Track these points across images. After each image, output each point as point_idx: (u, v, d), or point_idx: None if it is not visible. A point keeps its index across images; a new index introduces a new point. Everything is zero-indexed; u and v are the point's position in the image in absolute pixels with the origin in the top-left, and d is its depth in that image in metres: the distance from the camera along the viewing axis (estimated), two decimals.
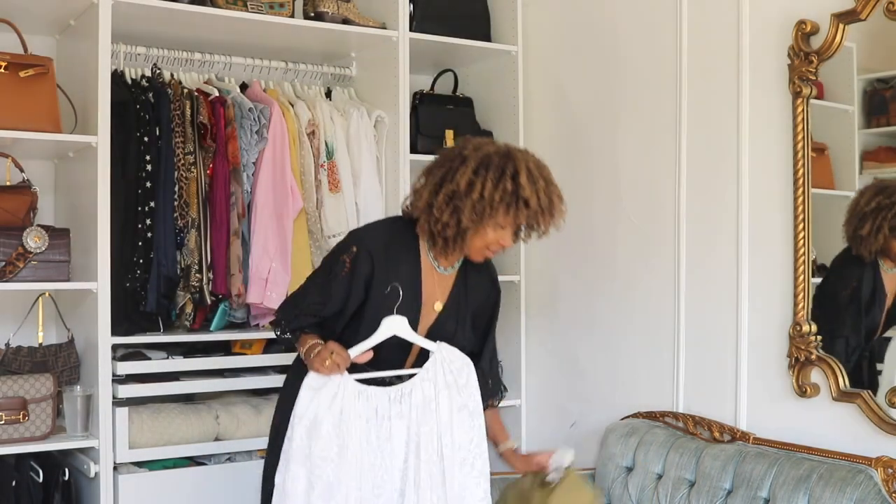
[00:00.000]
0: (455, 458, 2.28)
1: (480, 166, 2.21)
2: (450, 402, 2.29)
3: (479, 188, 2.19)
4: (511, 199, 2.19)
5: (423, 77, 3.69)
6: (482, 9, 3.60)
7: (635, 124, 3.09)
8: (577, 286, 3.30)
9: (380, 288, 2.30)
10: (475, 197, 2.19)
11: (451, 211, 2.22)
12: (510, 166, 2.21)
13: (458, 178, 2.21)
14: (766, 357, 2.66)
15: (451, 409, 2.29)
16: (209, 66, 3.29)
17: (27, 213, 2.88)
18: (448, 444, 2.27)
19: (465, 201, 2.20)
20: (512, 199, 2.19)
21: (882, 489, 2.25)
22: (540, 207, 2.21)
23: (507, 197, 2.19)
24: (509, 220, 2.23)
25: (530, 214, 2.22)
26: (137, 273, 2.92)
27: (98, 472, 2.82)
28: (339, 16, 3.26)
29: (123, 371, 2.93)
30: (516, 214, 2.22)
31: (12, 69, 2.75)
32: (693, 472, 2.65)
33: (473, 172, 2.20)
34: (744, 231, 2.72)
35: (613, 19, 3.17)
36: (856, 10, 2.40)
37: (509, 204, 2.20)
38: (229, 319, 3.16)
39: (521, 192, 2.19)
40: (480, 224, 2.23)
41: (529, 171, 2.22)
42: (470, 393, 2.32)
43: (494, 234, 2.26)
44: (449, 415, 2.28)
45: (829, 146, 2.57)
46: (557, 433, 3.36)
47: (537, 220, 2.25)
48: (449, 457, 2.27)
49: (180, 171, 2.99)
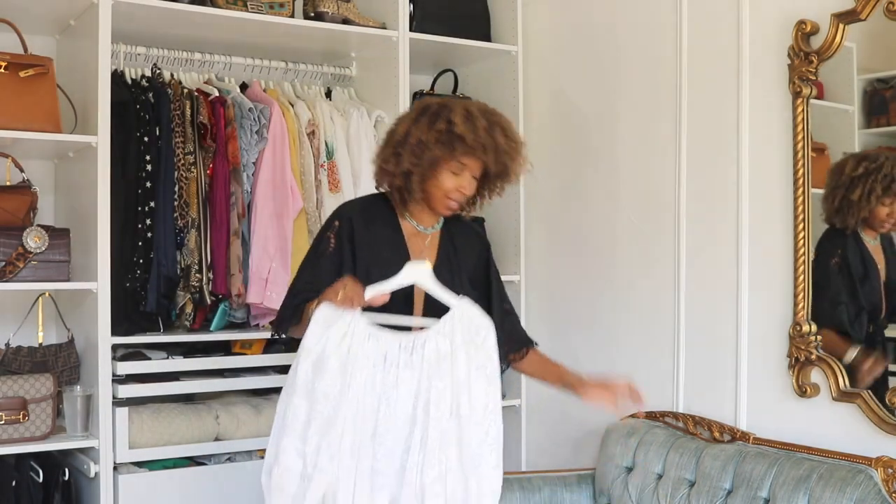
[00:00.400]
0: (472, 419, 2.19)
1: (419, 114, 2.27)
2: (468, 360, 2.19)
3: (416, 132, 2.24)
4: (445, 137, 2.22)
5: (423, 77, 3.69)
6: (482, 9, 3.60)
7: (635, 124, 3.09)
8: (577, 286, 3.30)
9: (364, 247, 2.29)
10: (413, 141, 2.24)
11: (395, 161, 2.27)
12: (445, 110, 2.25)
13: (399, 128, 2.29)
14: (766, 357, 2.66)
15: (469, 368, 2.19)
16: (209, 66, 3.29)
17: (27, 213, 2.88)
18: (465, 403, 2.18)
19: (405, 148, 2.25)
20: (446, 137, 2.21)
21: (882, 489, 2.25)
22: (480, 144, 2.21)
23: (441, 136, 2.22)
24: (453, 162, 2.24)
25: (469, 151, 2.22)
26: (137, 273, 2.92)
27: (98, 472, 2.83)
28: (339, 16, 3.26)
29: (123, 371, 2.93)
30: (453, 152, 2.22)
31: (12, 69, 2.75)
32: (693, 472, 2.65)
33: (412, 120, 2.27)
34: (744, 231, 2.72)
35: (613, 19, 3.17)
36: (856, 10, 2.40)
37: (444, 142, 2.22)
38: (229, 319, 3.16)
39: (455, 129, 2.21)
40: (421, 166, 2.24)
41: (467, 111, 2.24)
42: (488, 355, 2.23)
43: (450, 181, 2.26)
44: (467, 373, 2.19)
45: (829, 146, 2.57)
46: (557, 433, 3.37)
47: (483, 158, 2.24)
48: (466, 416, 2.18)
49: (180, 171, 2.99)
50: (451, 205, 2.30)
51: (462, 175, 2.27)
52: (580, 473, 2.99)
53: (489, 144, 2.22)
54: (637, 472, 2.80)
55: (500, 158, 2.26)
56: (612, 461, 2.88)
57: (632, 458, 2.84)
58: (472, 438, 2.18)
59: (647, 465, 2.77)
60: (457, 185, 2.27)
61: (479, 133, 2.21)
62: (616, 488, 2.84)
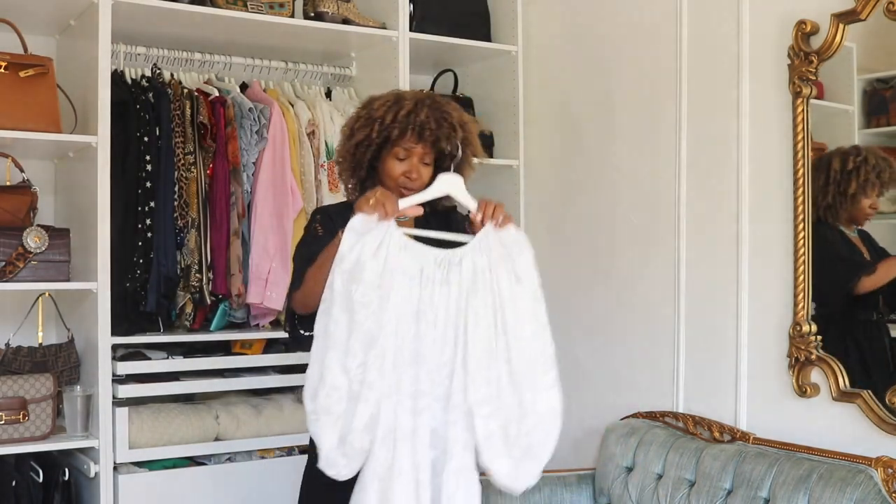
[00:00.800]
0: (521, 336, 2.12)
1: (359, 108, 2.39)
2: (508, 275, 2.14)
3: (349, 122, 2.37)
4: (365, 122, 2.29)
5: (423, 77, 3.69)
6: (482, 9, 3.60)
7: (635, 124, 3.09)
8: (577, 286, 3.30)
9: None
10: (346, 132, 2.36)
11: (338, 156, 2.39)
12: (373, 98, 2.35)
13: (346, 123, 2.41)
14: (766, 357, 2.66)
15: (511, 281, 2.14)
16: (209, 66, 3.29)
17: (27, 213, 2.88)
18: (511, 319, 2.12)
19: (343, 143, 2.36)
20: (366, 122, 2.29)
21: (882, 489, 2.25)
22: (397, 120, 2.25)
23: (360, 120, 2.30)
24: (396, 148, 2.28)
25: (388, 128, 2.25)
26: (137, 273, 2.92)
27: (98, 472, 2.83)
28: (339, 16, 3.26)
29: (123, 371, 2.93)
30: (371, 133, 2.27)
31: (12, 69, 2.75)
32: (693, 472, 2.64)
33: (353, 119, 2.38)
34: (744, 231, 2.72)
35: (613, 19, 3.17)
36: (856, 10, 2.40)
37: (363, 126, 2.29)
38: (229, 319, 3.16)
39: (374, 112, 2.29)
40: (347, 152, 2.32)
41: (397, 97, 2.31)
42: (527, 269, 2.16)
43: (397, 167, 2.30)
44: (509, 286, 2.14)
45: (829, 146, 2.57)
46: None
47: (411, 141, 2.26)
48: (514, 333, 2.12)
49: (180, 171, 3.00)
50: (404, 192, 2.29)
51: (409, 161, 2.30)
52: (580, 473, 2.99)
53: (411, 120, 2.25)
54: (637, 472, 2.80)
55: (433, 139, 2.27)
56: (612, 461, 2.88)
57: (632, 458, 2.83)
58: (521, 355, 2.11)
59: (647, 465, 2.77)
60: (403, 170, 2.30)
61: (400, 113, 2.26)
62: (616, 488, 2.84)
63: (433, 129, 2.27)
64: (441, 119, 2.29)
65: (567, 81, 3.39)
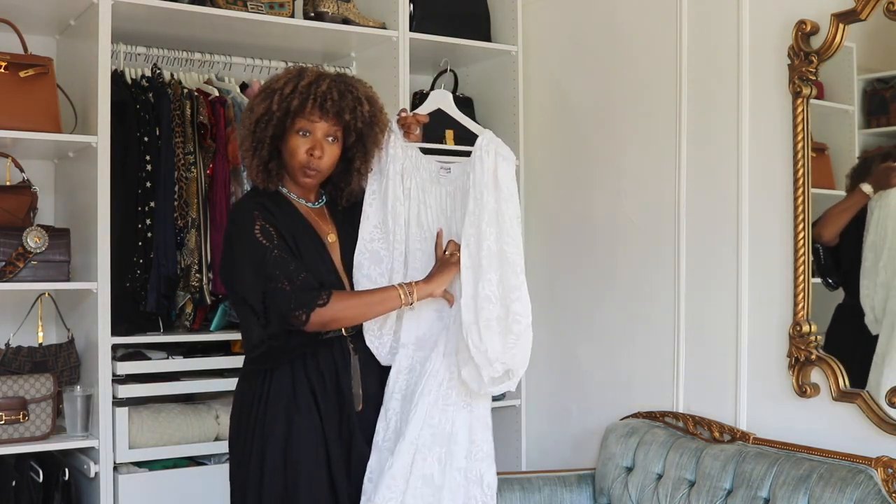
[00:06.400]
0: (510, 244, 2.30)
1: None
2: (496, 190, 2.31)
3: (251, 101, 2.34)
4: (265, 95, 2.26)
5: (423, 77, 3.69)
6: (482, 9, 3.60)
7: (635, 124, 3.09)
8: (577, 286, 3.30)
9: (286, 232, 2.26)
10: (247, 109, 2.34)
11: (240, 137, 2.37)
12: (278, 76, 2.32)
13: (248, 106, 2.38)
14: (766, 357, 2.66)
15: (498, 199, 2.30)
16: (209, 66, 3.29)
17: (27, 213, 2.88)
18: (508, 224, 2.30)
19: (244, 120, 2.33)
20: (267, 95, 2.26)
21: (882, 489, 2.25)
22: (297, 90, 2.22)
23: (261, 94, 2.28)
24: (296, 121, 2.24)
25: (288, 98, 2.22)
26: (137, 273, 2.93)
27: (98, 472, 2.83)
28: (339, 16, 3.26)
29: (123, 371, 2.93)
30: (271, 105, 2.23)
31: (12, 69, 2.76)
32: (693, 472, 2.65)
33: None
34: (744, 231, 2.72)
35: (613, 19, 3.17)
36: (856, 10, 2.40)
37: (263, 98, 2.26)
38: (229, 319, 3.16)
39: (274, 84, 2.26)
40: (247, 129, 2.28)
41: (293, 70, 2.30)
42: (508, 184, 2.33)
43: (300, 144, 2.26)
44: (496, 204, 2.30)
45: (829, 146, 2.57)
46: (557, 433, 3.37)
47: (304, 102, 2.22)
48: (508, 241, 2.30)
49: (180, 171, 3.00)
50: (309, 172, 2.28)
51: (312, 137, 2.26)
52: (580, 473, 3.00)
53: (313, 91, 2.22)
54: (637, 471, 2.80)
55: (335, 110, 2.24)
56: (612, 461, 2.88)
57: (632, 458, 2.84)
58: (508, 260, 2.30)
59: (647, 465, 2.77)
60: (307, 147, 2.26)
61: (300, 84, 2.23)
62: (616, 488, 2.84)
63: (335, 100, 2.23)
64: (345, 91, 2.26)
65: (567, 81, 3.39)
